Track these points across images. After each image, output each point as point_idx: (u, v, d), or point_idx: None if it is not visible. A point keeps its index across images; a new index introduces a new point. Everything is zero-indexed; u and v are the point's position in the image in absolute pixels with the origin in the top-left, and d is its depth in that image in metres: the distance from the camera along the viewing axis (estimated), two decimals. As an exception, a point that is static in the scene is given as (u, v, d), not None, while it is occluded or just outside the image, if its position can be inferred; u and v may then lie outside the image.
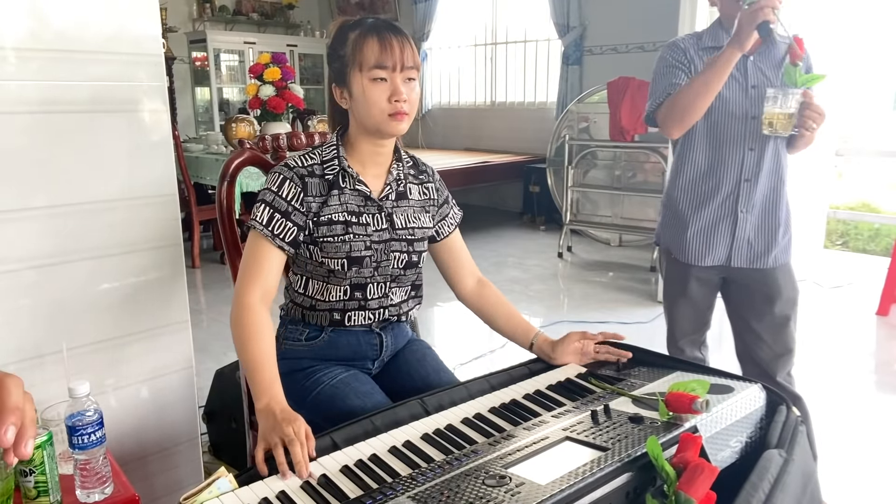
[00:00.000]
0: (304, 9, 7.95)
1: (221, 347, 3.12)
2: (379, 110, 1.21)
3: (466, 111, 7.23)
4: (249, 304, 1.20)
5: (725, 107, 1.70)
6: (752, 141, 1.71)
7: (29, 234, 1.34)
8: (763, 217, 1.76)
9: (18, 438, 0.60)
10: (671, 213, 1.84)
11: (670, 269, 1.89)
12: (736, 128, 1.71)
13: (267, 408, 1.07)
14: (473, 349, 3.14)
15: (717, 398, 1.05)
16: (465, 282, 1.46)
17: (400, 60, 1.20)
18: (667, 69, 1.76)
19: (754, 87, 1.69)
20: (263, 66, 4.55)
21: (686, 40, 1.78)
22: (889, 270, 3.62)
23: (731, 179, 1.73)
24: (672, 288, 1.91)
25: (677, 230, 1.81)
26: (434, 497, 0.82)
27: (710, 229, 1.77)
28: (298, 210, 1.25)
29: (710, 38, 1.75)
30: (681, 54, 1.75)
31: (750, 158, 1.72)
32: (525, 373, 1.31)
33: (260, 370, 1.13)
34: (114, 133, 1.42)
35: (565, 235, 5.06)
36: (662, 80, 1.76)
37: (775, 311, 1.76)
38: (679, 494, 0.84)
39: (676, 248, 1.82)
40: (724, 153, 1.73)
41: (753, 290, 1.79)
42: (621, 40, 5.61)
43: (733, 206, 1.75)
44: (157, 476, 1.63)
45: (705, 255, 1.78)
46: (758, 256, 1.76)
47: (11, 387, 0.61)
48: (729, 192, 1.74)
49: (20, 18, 1.27)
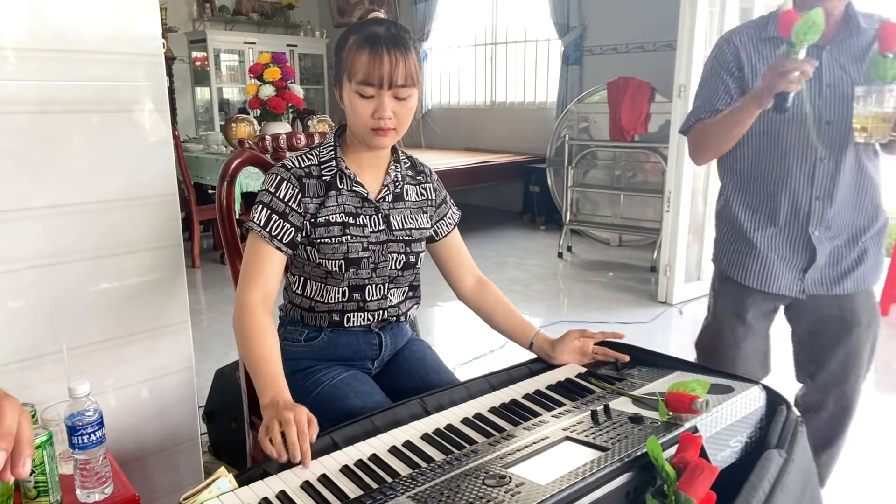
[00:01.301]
0: (304, 9, 7.94)
1: (221, 347, 3.11)
2: (363, 123, 1.21)
3: (466, 111, 7.23)
4: (250, 304, 1.20)
5: (790, 111, 1.42)
6: (825, 150, 1.44)
7: (28, 234, 1.34)
8: (849, 240, 1.51)
9: (15, 460, 0.61)
10: (728, 228, 1.61)
11: (725, 293, 1.63)
12: (804, 135, 1.44)
13: (272, 401, 1.07)
14: (473, 349, 3.14)
15: (717, 398, 1.05)
16: (465, 281, 1.46)
17: (389, 79, 1.16)
18: (710, 77, 1.54)
19: (830, 85, 1.43)
20: (263, 66, 4.55)
21: (744, 32, 1.51)
22: (889, 270, 3.62)
23: (797, 197, 1.48)
24: (726, 319, 1.63)
25: (739, 248, 1.57)
26: (434, 497, 0.82)
27: (777, 253, 1.52)
28: (296, 211, 1.25)
29: (776, 26, 1.44)
30: (731, 55, 1.50)
31: (822, 171, 1.45)
32: (525, 373, 1.31)
33: (264, 366, 1.13)
34: (113, 133, 1.42)
35: (565, 235, 5.06)
36: (703, 90, 1.55)
37: (850, 340, 1.55)
38: (679, 494, 0.84)
39: (738, 270, 1.58)
40: (789, 165, 1.47)
41: (828, 319, 1.55)
42: (621, 40, 5.61)
43: (803, 227, 1.49)
44: (157, 476, 1.63)
45: (771, 279, 1.53)
46: (836, 282, 1.52)
47: (7, 410, 0.62)
48: (796, 211, 1.49)
49: (20, 18, 1.27)
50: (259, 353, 1.15)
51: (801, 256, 1.51)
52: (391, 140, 1.24)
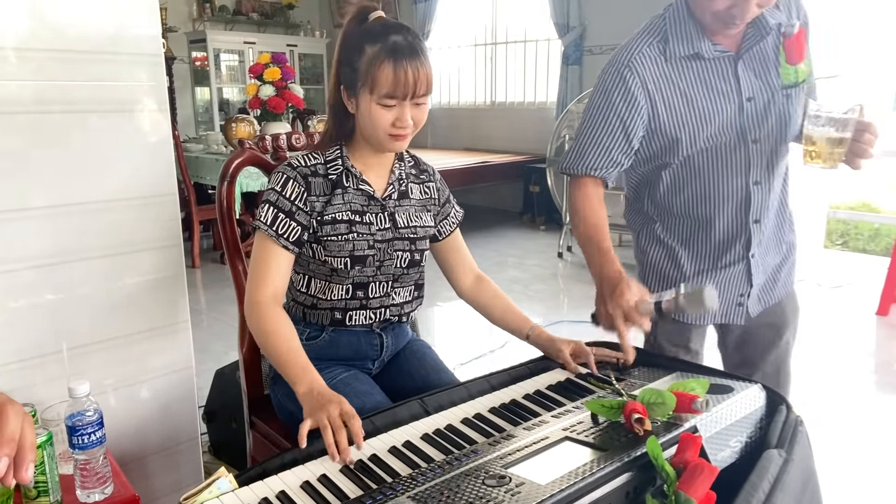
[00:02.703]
0: (304, 9, 7.95)
1: (222, 347, 3.12)
2: (382, 132, 1.21)
3: (466, 111, 7.23)
4: (263, 302, 1.22)
5: (713, 131, 1.29)
6: (758, 172, 1.32)
7: (29, 234, 1.34)
8: (774, 249, 1.44)
9: (17, 465, 0.62)
10: (655, 270, 1.49)
11: (665, 327, 1.50)
12: (731, 158, 1.32)
13: (309, 390, 1.10)
14: (473, 349, 3.14)
15: (717, 398, 1.05)
16: (465, 278, 1.46)
17: (412, 90, 1.17)
18: (607, 113, 1.30)
19: (750, 99, 1.30)
20: (263, 66, 4.55)
21: (645, 55, 1.30)
22: (889, 270, 3.62)
23: (734, 223, 1.36)
24: (668, 349, 1.53)
25: (668, 282, 1.46)
26: (434, 497, 0.82)
27: (716, 284, 1.40)
28: (302, 209, 1.25)
29: (680, 42, 1.28)
30: (637, 91, 1.29)
31: (757, 195, 1.34)
32: (525, 373, 1.31)
33: (292, 357, 1.16)
34: (114, 133, 1.42)
35: (565, 235, 5.06)
36: (597, 129, 1.32)
37: (780, 343, 1.50)
38: (679, 494, 0.84)
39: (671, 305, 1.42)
40: (720, 191, 1.34)
41: (758, 328, 1.47)
42: (621, 40, 5.54)
43: (742, 253, 1.39)
44: (157, 476, 1.63)
45: (711, 314, 1.42)
46: (769, 295, 1.45)
47: (10, 416, 0.63)
48: (733, 238, 1.37)
49: (20, 18, 1.27)
50: (285, 346, 1.18)
51: (742, 282, 1.41)
52: (407, 143, 1.26)
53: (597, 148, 1.34)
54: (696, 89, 1.30)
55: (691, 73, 1.30)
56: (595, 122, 1.34)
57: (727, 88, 1.30)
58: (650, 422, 0.95)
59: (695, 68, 1.30)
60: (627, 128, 1.31)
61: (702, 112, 1.30)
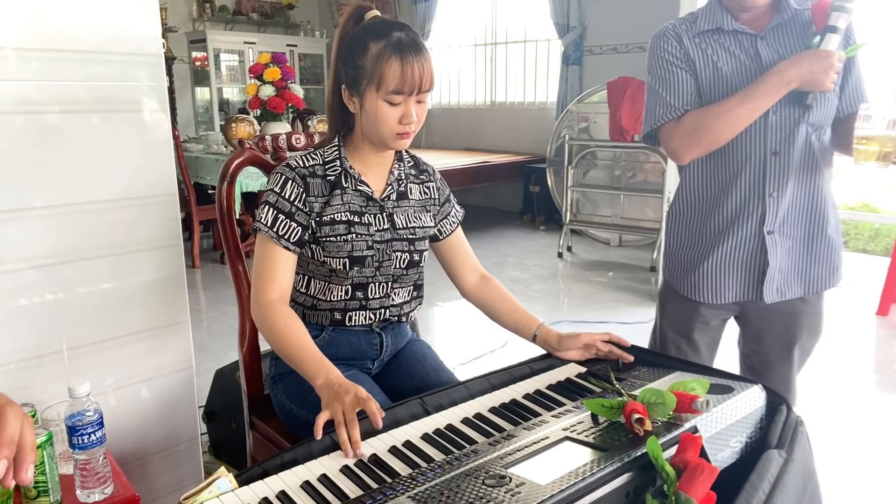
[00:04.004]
0: (304, 9, 7.95)
1: (221, 347, 3.12)
2: (388, 129, 1.22)
3: (466, 111, 7.23)
4: (271, 302, 1.22)
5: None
6: (777, 142, 1.37)
7: (28, 234, 1.34)
8: (804, 240, 1.44)
9: (17, 466, 0.62)
10: (676, 229, 1.54)
11: (671, 310, 1.57)
12: (753, 130, 1.38)
13: (326, 381, 1.10)
14: (473, 349, 3.14)
15: (717, 398, 1.05)
16: (469, 278, 1.46)
17: (418, 86, 1.19)
18: (664, 74, 1.43)
19: None
20: (263, 66, 4.56)
21: (678, 26, 1.45)
22: (889, 270, 3.62)
23: (749, 196, 1.41)
24: (670, 337, 1.58)
25: (687, 253, 1.51)
26: (434, 497, 0.82)
27: (728, 259, 1.45)
28: (301, 210, 1.25)
29: (706, 20, 1.42)
30: (677, 51, 1.42)
31: (774, 165, 1.38)
32: (525, 372, 1.30)
33: (306, 353, 1.17)
34: (114, 133, 1.42)
35: (565, 235, 5.06)
36: (660, 89, 1.43)
37: (799, 348, 1.52)
38: (679, 494, 0.84)
39: (683, 284, 1.51)
40: (739, 162, 1.40)
41: (776, 324, 1.50)
42: (621, 40, 5.61)
43: (756, 228, 1.42)
44: (157, 476, 1.63)
45: (721, 291, 1.47)
46: (788, 287, 1.46)
47: (10, 417, 0.63)
48: (749, 211, 1.41)
49: (20, 18, 1.27)
50: (298, 343, 1.18)
51: (756, 259, 1.44)
52: (410, 141, 1.26)
53: (672, 88, 1.43)
54: (719, 55, 1.41)
55: (715, 44, 1.42)
56: (658, 77, 1.45)
57: (748, 60, 1.39)
58: (650, 422, 0.95)
59: (718, 39, 1.42)
60: (686, 69, 1.43)
61: (725, 77, 1.40)
